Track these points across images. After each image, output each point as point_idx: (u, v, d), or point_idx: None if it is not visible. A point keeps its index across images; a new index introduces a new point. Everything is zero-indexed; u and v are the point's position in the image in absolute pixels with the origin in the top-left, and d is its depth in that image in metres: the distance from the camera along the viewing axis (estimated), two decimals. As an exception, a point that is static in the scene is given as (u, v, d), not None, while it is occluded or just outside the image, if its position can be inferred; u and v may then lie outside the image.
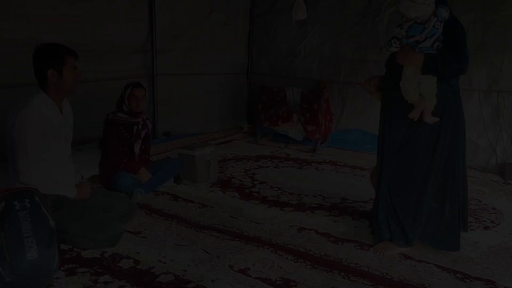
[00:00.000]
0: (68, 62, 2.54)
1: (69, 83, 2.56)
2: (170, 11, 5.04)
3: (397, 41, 2.42)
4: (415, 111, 2.47)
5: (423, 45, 2.38)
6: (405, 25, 2.38)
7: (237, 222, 3.06)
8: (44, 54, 2.51)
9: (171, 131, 5.35)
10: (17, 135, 2.42)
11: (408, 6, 2.33)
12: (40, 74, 2.52)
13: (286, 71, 6.25)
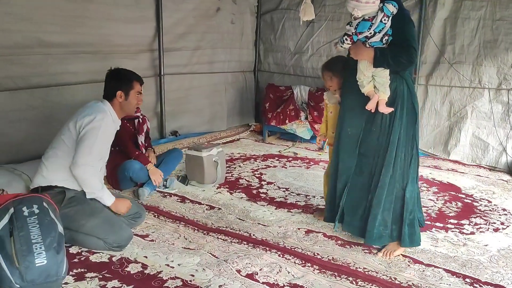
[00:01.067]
0: (135, 87, 2.84)
1: (131, 105, 2.85)
2: (177, 10, 5.02)
3: (348, 38, 2.54)
4: (371, 103, 2.57)
5: (372, 40, 2.50)
6: (354, 23, 2.49)
7: (244, 225, 3.05)
8: (117, 76, 2.83)
9: (178, 130, 5.34)
10: (89, 133, 2.57)
11: (354, 6, 2.44)
12: (109, 92, 2.80)
13: (293, 69, 6.22)
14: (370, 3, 2.41)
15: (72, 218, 2.49)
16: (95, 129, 2.58)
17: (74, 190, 2.60)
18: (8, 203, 2.12)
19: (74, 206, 2.53)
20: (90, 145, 2.56)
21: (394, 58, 2.48)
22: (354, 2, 2.43)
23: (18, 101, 3.64)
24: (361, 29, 2.47)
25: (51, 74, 3.86)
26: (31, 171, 3.10)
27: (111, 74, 2.85)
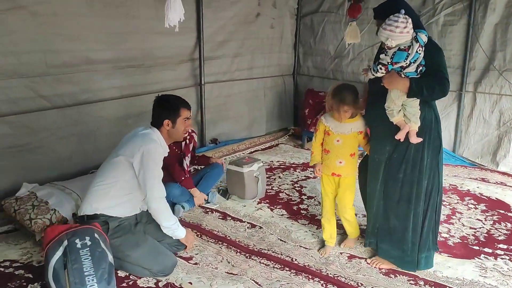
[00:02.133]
0: (182, 114, 2.83)
1: (179, 132, 2.85)
2: (217, 19, 5.03)
3: (383, 67, 2.50)
4: (401, 132, 2.56)
5: (407, 71, 2.48)
6: (390, 52, 2.46)
7: (286, 247, 3.06)
8: (164, 105, 2.83)
9: (218, 138, 5.39)
10: (150, 165, 2.61)
11: (388, 36, 2.41)
12: (157, 120, 2.81)
13: (333, 73, 6.13)
14: (405, 33, 2.38)
15: (117, 248, 2.55)
16: (153, 162, 2.63)
17: (118, 218, 2.64)
18: (62, 236, 2.22)
19: (119, 237, 2.58)
20: (156, 176, 2.63)
21: (429, 89, 2.47)
22: (388, 32, 2.39)
23: (67, 118, 3.78)
24: (397, 59, 2.44)
25: (97, 90, 3.97)
26: (80, 189, 3.22)
27: (158, 103, 2.85)
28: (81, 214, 2.62)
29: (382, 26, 2.43)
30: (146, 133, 2.73)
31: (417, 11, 5.18)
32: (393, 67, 2.48)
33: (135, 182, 2.66)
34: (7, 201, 3.11)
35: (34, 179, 3.46)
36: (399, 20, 2.37)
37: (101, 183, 2.64)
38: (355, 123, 2.84)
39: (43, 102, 3.60)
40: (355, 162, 2.92)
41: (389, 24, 2.39)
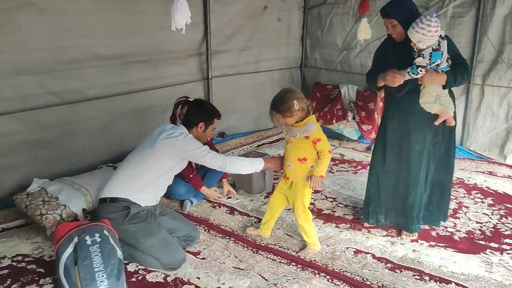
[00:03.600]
0: (214, 123, 3.07)
1: (205, 137, 3.05)
2: (224, 12, 5.03)
3: (423, 69, 2.69)
4: (441, 118, 2.87)
5: (442, 66, 2.74)
6: (426, 54, 2.64)
7: (293, 242, 3.09)
8: (204, 109, 3.03)
9: (225, 131, 5.42)
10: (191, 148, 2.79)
11: (420, 39, 2.60)
12: (192, 120, 2.96)
13: (340, 66, 6.11)
14: (435, 36, 2.59)
15: (132, 234, 2.62)
16: (196, 144, 2.82)
17: (138, 206, 2.70)
18: (72, 233, 2.27)
19: (135, 224, 2.64)
20: (205, 155, 2.81)
21: (460, 77, 2.78)
22: (420, 35, 2.57)
23: (76, 113, 3.83)
24: (435, 59, 2.65)
25: (105, 86, 4.01)
26: (89, 185, 3.28)
27: (198, 105, 3.04)
28: (103, 196, 2.68)
29: (414, 28, 2.58)
30: (178, 129, 2.86)
31: (425, 3, 5.15)
32: (431, 67, 2.69)
33: (165, 176, 2.81)
34: (18, 196, 3.18)
35: (45, 174, 3.52)
36: (431, 24, 2.55)
37: (132, 172, 2.71)
38: (302, 128, 2.72)
39: (52, 98, 3.65)
40: (305, 167, 2.81)
41: (422, 27, 2.56)
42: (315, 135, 2.71)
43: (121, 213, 2.62)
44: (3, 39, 3.25)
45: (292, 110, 2.63)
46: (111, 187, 2.72)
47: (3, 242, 2.98)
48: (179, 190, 3.56)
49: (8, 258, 2.80)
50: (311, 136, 2.71)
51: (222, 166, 2.87)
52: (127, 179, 2.69)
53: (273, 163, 3.02)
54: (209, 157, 2.84)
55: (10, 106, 3.40)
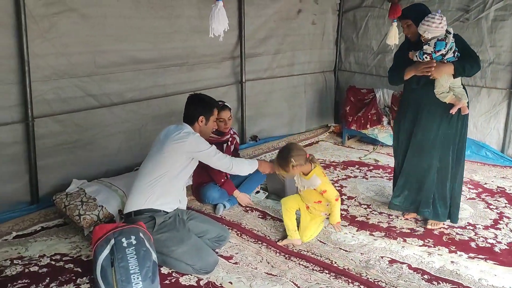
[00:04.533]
0: (215, 114, 3.05)
1: (209, 129, 3.06)
2: (258, 16, 5.04)
3: (427, 56, 3.04)
4: (455, 108, 3.13)
5: (447, 57, 3.03)
6: (431, 43, 3.00)
7: (325, 249, 3.06)
8: (200, 102, 3.00)
9: (258, 135, 5.42)
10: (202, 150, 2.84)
11: (425, 30, 2.98)
12: (191, 116, 2.97)
13: (375, 69, 6.01)
14: (439, 28, 2.96)
15: (163, 243, 2.65)
16: (203, 144, 2.86)
17: (163, 214, 2.74)
18: (109, 234, 2.32)
19: (165, 232, 2.68)
20: (214, 155, 2.88)
21: (469, 66, 3.06)
22: (425, 26, 2.96)
23: (114, 116, 3.91)
24: (439, 48, 2.99)
25: (142, 89, 4.08)
26: (125, 186, 3.34)
27: (195, 99, 3.00)
28: (128, 211, 2.74)
29: (421, 22, 2.99)
30: (181, 130, 2.86)
31: (465, 6, 5.01)
32: (436, 55, 3.01)
33: (180, 174, 2.84)
34: (58, 196, 3.28)
35: (83, 175, 3.62)
36: (435, 17, 2.95)
37: (148, 180, 2.75)
38: (308, 182, 3.09)
39: (91, 101, 3.75)
40: (322, 205, 3.16)
41: (427, 20, 2.97)
42: (320, 188, 3.05)
43: (148, 224, 2.65)
44: (46, 43, 3.36)
45: (290, 167, 2.95)
46: (132, 200, 2.76)
47: (43, 241, 3.08)
48: (212, 194, 3.58)
49: (47, 256, 2.88)
50: (317, 189, 3.07)
51: (229, 167, 2.95)
52: (146, 188, 2.73)
53: (264, 166, 3.16)
54: (217, 158, 2.90)
55: (51, 108, 3.50)
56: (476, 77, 5.05)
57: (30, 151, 3.38)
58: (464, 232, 3.32)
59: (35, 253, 2.92)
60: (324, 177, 3.13)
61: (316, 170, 3.10)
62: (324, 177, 3.13)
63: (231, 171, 2.98)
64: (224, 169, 3.00)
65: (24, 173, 3.42)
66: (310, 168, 3.07)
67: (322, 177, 3.10)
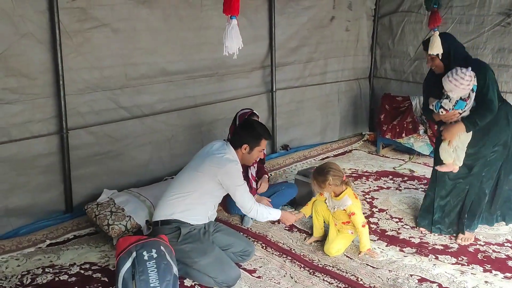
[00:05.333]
0: (262, 144, 2.94)
1: (252, 159, 2.97)
2: (290, 25, 5.02)
3: (444, 111, 2.96)
4: (444, 168, 3.16)
5: (463, 115, 2.96)
6: (453, 100, 2.89)
7: (352, 265, 2.98)
8: (248, 129, 2.93)
9: (289, 144, 5.39)
10: (234, 182, 2.78)
11: (451, 89, 2.87)
12: (237, 140, 2.92)
13: (412, 76, 5.83)
14: (467, 89, 2.85)
15: (187, 254, 2.68)
16: (237, 179, 2.79)
17: (189, 225, 2.77)
18: (131, 247, 2.36)
19: (189, 243, 2.70)
20: (242, 192, 2.81)
21: (481, 119, 2.95)
22: (452, 85, 2.85)
23: (144, 127, 4.00)
24: (458, 107, 2.91)
25: (172, 100, 4.15)
26: (153, 197, 3.40)
27: (244, 126, 2.99)
28: (156, 219, 2.79)
29: (448, 77, 2.87)
30: (223, 153, 2.83)
31: (507, 10, 4.78)
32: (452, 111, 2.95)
33: (211, 195, 2.85)
34: (89, 206, 3.38)
35: (115, 185, 3.72)
36: (465, 78, 2.82)
37: (178, 193, 2.79)
38: (339, 202, 3.10)
39: (123, 113, 3.85)
40: (350, 225, 3.15)
41: (456, 78, 2.83)
42: (350, 209, 3.05)
43: (173, 234, 2.68)
44: (80, 58, 3.49)
45: (326, 183, 3.00)
46: (160, 209, 2.80)
47: (75, 249, 3.18)
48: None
49: (77, 265, 2.97)
50: (347, 210, 3.07)
51: (249, 209, 2.84)
52: (173, 200, 2.77)
53: (286, 218, 3.07)
54: (242, 196, 2.81)
55: (85, 120, 3.63)
56: (518, 84, 4.81)
57: (65, 161, 3.51)
58: (501, 249, 3.15)
59: (66, 261, 3.02)
60: (355, 199, 3.12)
61: (348, 191, 3.13)
62: (355, 199, 3.12)
63: (249, 214, 2.89)
64: (243, 210, 2.90)
65: (59, 183, 3.55)
66: (342, 189, 3.11)
67: (353, 198, 3.10)
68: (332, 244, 3.12)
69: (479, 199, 3.24)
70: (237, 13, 2.05)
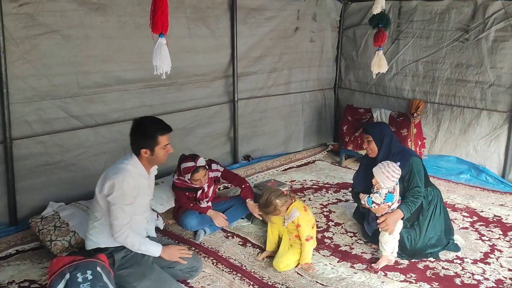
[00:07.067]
0: (161, 142, 2.64)
1: (159, 158, 2.69)
2: (252, 35, 4.99)
3: (376, 205, 3.14)
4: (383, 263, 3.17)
5: (392, 207, 3.15)
6: (382, 194, 3.12)
7: (301, 282, 2.94)
8: (139, 135, 2.64)
9: (251, 154, 5.34)
10: (115, 203, 2.51)
11: (382, 180, 3.08)
12: (135, 147, 2.66)
13: (375, 88, 5.89)
14: (394, 182, 3.10)
15: (125, 279, 2.56)
16: (119, 198, 2.50)
17: (123, 248, 2.63)
18: (65, 269, 2.26)
19: (126, 268, 2.59)
20: (120, 215, 2.51)
21: (415, 206, 3.17)
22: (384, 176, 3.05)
23: (98, 136, 3.89)
24: (388, 200, 3.12)
25: (128, 109, 4.05)
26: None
27: (134, 129, 2.66)
28: (88, 249, 2.65)
29: (381, 168, 3.08)
30: (119, 166, 2.60)
31: (465, 26, 4.88)
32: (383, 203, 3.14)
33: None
34: (33, 219, 3.24)
35: (64, 197, 3.59)
36: (396, 171, 3.07)
37: (94, 218, 2.64)
38: (288, 215, 3.12)
39: (74, 122, 3.73)
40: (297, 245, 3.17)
41: (388, 171, 3.05)
42: (297, 220, 3.09)
43: (109, 261, 2.54)
44: (27, 65, 3.36)
45: (278, 208, 3.05)
46: (88, 239, 2.65)
47: (16, 265, 3.04)
48: (190, 222, 3.51)
49: (15, 283, 2.84)
50: (295, 222, 3.10)
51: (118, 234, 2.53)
52: (95, 229, 2.62)
53: (168, 254, 2.70)
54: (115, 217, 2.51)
55: (33, 129, 3.49)
56: (476, 98, 4.91)
57: (8, 172, 3.36)
58: (450, 266, 3.17)
59: (5, 278, 2.88)
60: (304, 211, 3.12)
61: (296, 204, 3.14)
62: (304, 211, 3.12)
63: (117, 239, 2.55)
64: (113, 232, 2.55)
65: (2, 195, 3.41)
66: (291, 202, 3.14)
67: (302, 211, 3.10)
68: (282, 259, 3.09)
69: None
70: (165, 31, 1.95)
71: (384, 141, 3.31)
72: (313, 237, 3.16)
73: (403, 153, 3.31)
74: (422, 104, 5.31)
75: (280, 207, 3.06)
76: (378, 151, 3.33)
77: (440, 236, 3.31)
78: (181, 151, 4.42)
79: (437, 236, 3.30)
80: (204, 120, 4.75)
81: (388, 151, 3.31)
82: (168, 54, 2.08)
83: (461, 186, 4.76)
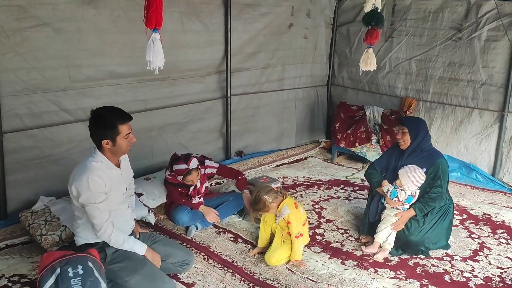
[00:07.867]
0: (122, 131, 2.55)
1: (122, 148, 2.60)
2: (246, 31, 4.97)
3: (396, 199, 3.22)
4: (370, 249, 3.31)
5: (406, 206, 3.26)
6: (407, 194, 3.20)
7: (292, 278, 2.95)
8: (99, 125, 2.54)
9: (244, 150, 5.34)
10: (87, 203, 2.46)
11: (408, 184, 3.18)
12: (96, 139, 2.57)
13: (368, 85, 5.90)
14: (418, 186, 3.19)
15: (116, 274, 2.55)
16: (89, 198, 2.45)
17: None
18: (55, 264, 2.25)
19: (117, 263, 2.58)
20: (96, 214, 2.48)
21: (430, 204, 3.23)
22: (409, 181, 3.16)
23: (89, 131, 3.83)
24: (408, 201, 3.22)
25: (120, 103, 3.93)
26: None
27: (92, 121, 2.54)
28: (78, 245, 2.64)
29: (407, 172, 3.18)
30: (85, 163, 2.54)
31: (458, 25, 4.90)
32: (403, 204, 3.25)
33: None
34: (24, 213, 3.22)
35: (56, 191, 3.56)
36: (421, 177, 3.16)
37: (77, 217, 2.62)
38: (279, 213, 3.12)
39: (66, 116, 3.70)
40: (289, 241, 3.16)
41: (414, 176, 3.15)
42: (288, 217, 3.08)
43: (101, 255, 2.53)
44: (18, 58, 3.32)
45: (267, 205, 3.06)
46: (77, 235, 2.64)
47: (5, 260, 3.02)
48: (182, 218, 3.51)
49: (5, 277, 2.82)
50: (285, 219, 3.09)
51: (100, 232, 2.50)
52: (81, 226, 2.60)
53: (151, 255, 2.69)
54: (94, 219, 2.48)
55: (23, 123, 3.46)
56: (468, 97, 4.94)
57: (-1, 165, 3.33)
58: (440, 263, 3.20)
59: (-6, 273, 2.86)
60: (295, 209, 3.13)
61: (287, 201, 3.16)
62: (295, 209, 3.13)
63: (100, 237, 2.53)
64: (95, 232, 2.53)
65: (-9, 188, 3.37)
66: (282, 199, 3.13)
67: (292, 208, 3.11)
68: (274, 253, 3.10)
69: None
70: (159, 26, 1.93)
71: (419, 135, 3.31)
72: (303, 234, 3.16)
73: (432, 151, 3.34)
74: (415, 102, 5.33)
75: (270, 203, 3.07)
76: (410, 145, 3.33)
77: (436, 246, 3.32)
78: (174, 146, 4.46)
79: (435, 243, 3.31)
80: (197, 116, 4.73)
81: (418, 147, 3.31)
82: (162, 49, 2.05)
83: (451, 184, 4.77)
